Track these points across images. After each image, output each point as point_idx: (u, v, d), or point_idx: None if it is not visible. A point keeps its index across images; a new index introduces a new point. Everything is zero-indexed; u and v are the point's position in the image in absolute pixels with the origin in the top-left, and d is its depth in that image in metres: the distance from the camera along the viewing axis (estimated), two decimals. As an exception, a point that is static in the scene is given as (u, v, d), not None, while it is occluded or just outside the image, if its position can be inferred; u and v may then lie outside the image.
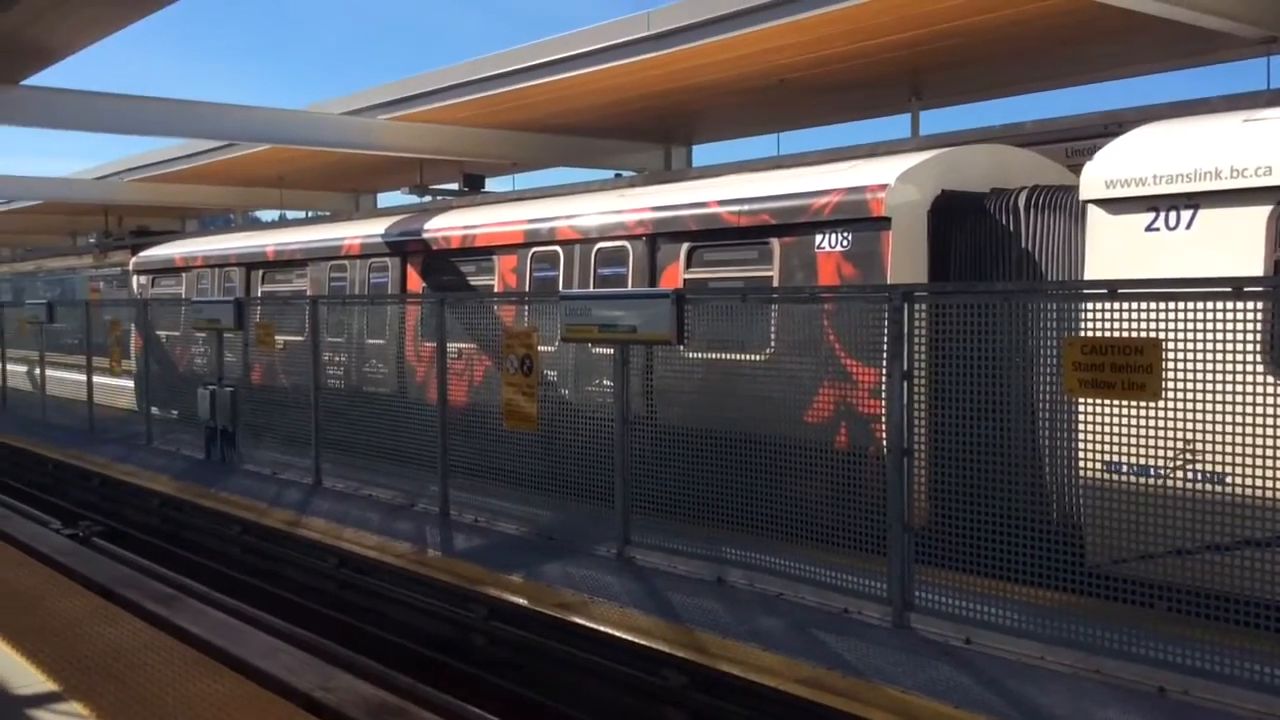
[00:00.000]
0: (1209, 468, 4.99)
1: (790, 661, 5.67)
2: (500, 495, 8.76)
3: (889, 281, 7.72)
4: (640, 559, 7.39)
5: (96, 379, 15.77)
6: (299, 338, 11.66)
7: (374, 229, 13.87)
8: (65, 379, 17.57)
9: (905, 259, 7.93)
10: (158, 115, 14.34)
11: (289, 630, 7.89)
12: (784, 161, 12.10)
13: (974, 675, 5.36)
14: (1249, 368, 4.90)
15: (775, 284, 8.68)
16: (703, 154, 17.99)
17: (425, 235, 12.80)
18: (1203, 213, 6.33)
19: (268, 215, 38.80)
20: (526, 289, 11.15)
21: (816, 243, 8.46)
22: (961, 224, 7.98)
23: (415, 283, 12.87)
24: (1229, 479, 4.89)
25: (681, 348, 7.45)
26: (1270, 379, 4.98)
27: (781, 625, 6.15)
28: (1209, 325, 4.98)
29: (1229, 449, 4.92)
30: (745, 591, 6.58)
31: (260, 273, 15.74)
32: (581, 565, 7.47)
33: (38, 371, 17.92)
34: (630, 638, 6.51)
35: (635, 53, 11.84)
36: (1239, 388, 4.90)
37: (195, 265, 17.35)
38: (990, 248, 7.79)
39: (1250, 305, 4.98)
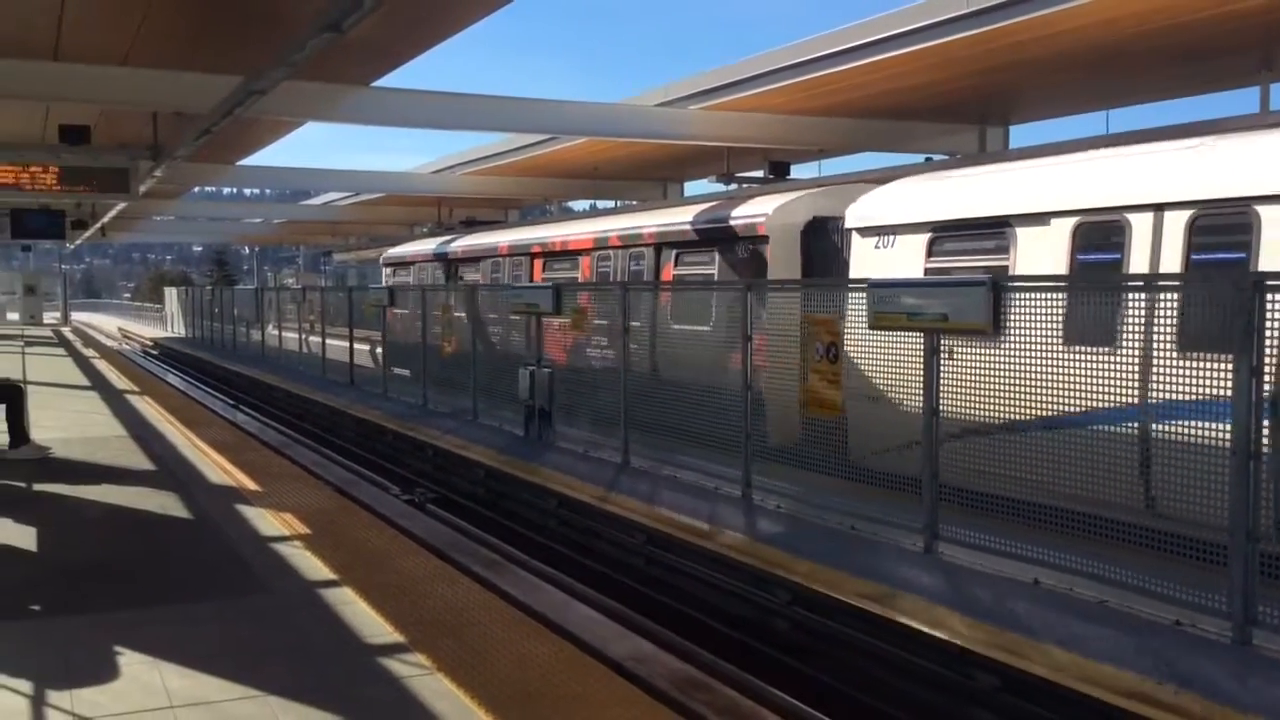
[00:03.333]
0: None
1: (1114, 671, 5.35)
2: (801, 482, 8.76)
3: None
4: (948, 555, 7.18)
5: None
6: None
7: (516, 236, 18.76)
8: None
9: (780, 264, 11.56)
10: (487, 111, 15.28)
11: (601, 601, 8.29)
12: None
13: (1330, 703, 4.85)
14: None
15: (715, 279, 12.68)
16: (1021, 134, 17.10)
17: (544, 239, 17.32)
18: (898, 238, 9.73)
19: (579, 205, 40.65)
20: (593, 281, 15.11)
21: (736, 252, 12.36)
22: (819, 240, 11.46)
23: (538, 275, 17.13)
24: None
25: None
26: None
27: (1103, 633, 5.79)
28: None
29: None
30: (1063, 596, 6.23)
31: (455, 267, 20.84)
32: (886, 557, 7.34)
33: (379, 350, 19.71)
34: (937, 633, 6.37)
35: (950, 32, 11.39)
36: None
37: (419, 260, 22.76)
38: (831, 256, 10.96)
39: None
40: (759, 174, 17.86)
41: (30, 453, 11.03)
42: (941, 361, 7.19)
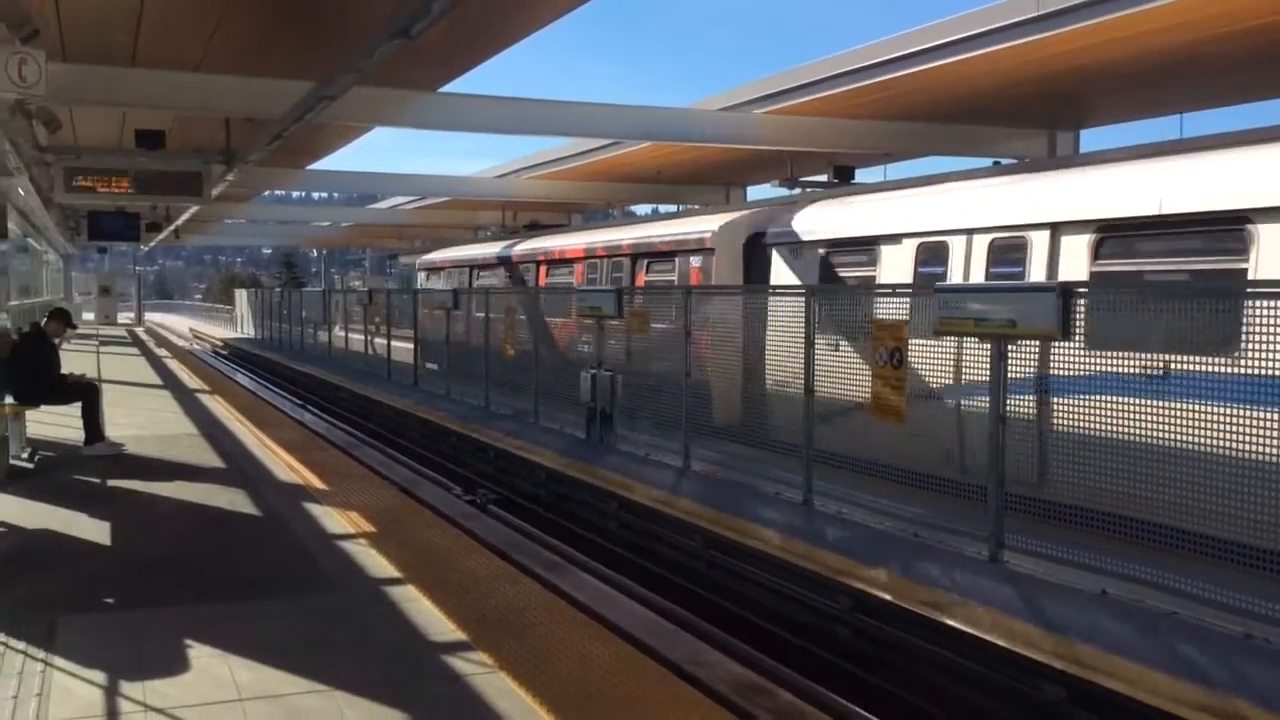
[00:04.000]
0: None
1: (1187, 685, 5.24)
2: (863, 487, 8.71)
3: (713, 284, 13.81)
4: (1014, 564, 7.08)
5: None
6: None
7: (526, 246, 20.92)
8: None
9: (725, 272, 13.91)
10: (551, 116, 15.36)
11: (661, 603, 8.29)
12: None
13: None
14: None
15: (675, 283, 14.57)
16: (1092, 138, 16.82)
17: (544, 249, 19.75)
18: (804, 251, 12.08)
19: (642, 209, 40.77)
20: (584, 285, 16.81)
21: (690, 262, 14.64)
22: (757, 252, 13.44)
23: (543, 279, 19.33)
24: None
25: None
26: None
27: (1173, 645, 5.67)
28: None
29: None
30: (1133, 607, 6.10)
31: (476, 272, 23.33)
32: (950, 565, 7.24)
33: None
34: (1003, 643, 6.30)
35: (1020, 35, 11.21)
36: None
37: (446, 266, 25.29)
38: (764, 265, 12.85)
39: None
40: (823, 178, 17.72)
41: (105, 449, 11.33)
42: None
